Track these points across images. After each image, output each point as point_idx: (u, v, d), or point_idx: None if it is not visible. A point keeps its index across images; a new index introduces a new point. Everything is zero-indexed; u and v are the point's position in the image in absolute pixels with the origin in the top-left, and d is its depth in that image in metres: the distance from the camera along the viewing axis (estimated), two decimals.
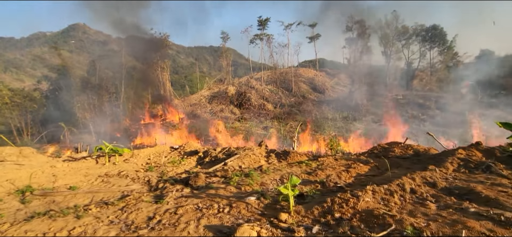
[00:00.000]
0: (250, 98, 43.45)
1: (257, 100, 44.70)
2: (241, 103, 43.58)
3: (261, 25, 52.57)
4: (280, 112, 41.06)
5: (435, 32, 54.79)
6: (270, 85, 53.09)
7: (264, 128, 32.52)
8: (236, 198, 4.27)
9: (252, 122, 34.87)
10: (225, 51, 59.75)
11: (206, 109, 42.08)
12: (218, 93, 49.43)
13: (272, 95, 48.95)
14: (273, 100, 46.96)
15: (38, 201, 5.17)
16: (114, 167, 8.11)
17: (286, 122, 35.57)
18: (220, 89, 51.25)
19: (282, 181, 5.04)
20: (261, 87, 49.67)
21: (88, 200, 5.21)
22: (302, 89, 52.99)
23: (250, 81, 50.92)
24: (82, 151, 11.01)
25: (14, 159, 9.73)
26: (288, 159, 7.17)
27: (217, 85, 57.09)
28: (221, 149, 8.32)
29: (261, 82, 51.91)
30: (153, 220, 3.78)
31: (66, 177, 6.99)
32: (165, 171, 6.94)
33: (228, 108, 42.75)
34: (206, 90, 54.74)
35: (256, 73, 62.40)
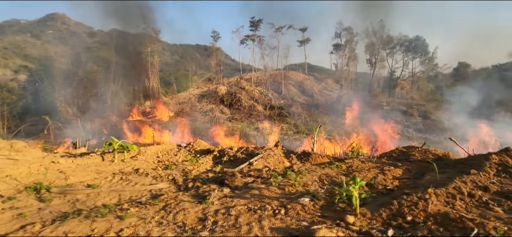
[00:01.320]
0: (241, 99, 43.20)
1: (247, 101, 44.54)
2: (232, 103, 43.24)
3: (254, 26, 52.55)
4: (271, 113, 41.15)
5: (418, 43, 57.46)
6: (260, 86, 53.13)
7: (255, 129, 32.43)
8: (286, 199, 4.13)
9: (243, 123, 34.67)
10: (215, 50, 59.13)
11: (196, 108, 41.30)
12: (207, 92, 48.75)
13: (261, 97, 48.97)
14: (263, 101, 47.01)
15: (59, 200, 4.73)
16: (125, 165, 7.65)
17: (277, 124, 35.69)
18: (209, 88, 50.61)
19: (323, 182, 4.95)
20: (251, 88, 49.55)
21: (115, 199, 4.84)
22: (291, 92, 53.49)
23: (240, 81, 50.64)
24: (80, 147, 10.33)
25: (6, 154, 8.94)
26: (310, 160, 7.11)
27: (206, 84, 56.33)
28: (238, 148, 8.11)
29: (251, 83, 51.81)
30: (206, 221, 3.55)
31: (76, 174, 6.48)
32: (187, 170, 6.63)
33: (218, 107, 42.25)
34: (194, 89, 53.81)
35: (246, 74, 62.22)
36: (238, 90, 46.50)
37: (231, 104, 43.08)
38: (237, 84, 50.52)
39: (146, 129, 21.70)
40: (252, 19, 51.51)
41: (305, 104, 49.11)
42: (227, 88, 46.22)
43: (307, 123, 37.68)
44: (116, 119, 28.91)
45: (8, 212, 4.20)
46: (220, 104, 43.55)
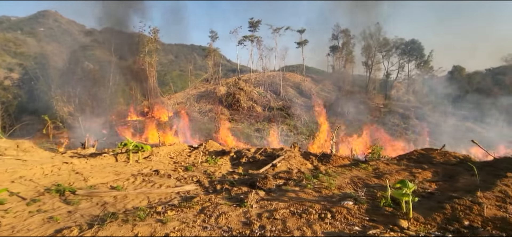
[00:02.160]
0: (240, 100, 43.03)
1: (246, 102, 44.39)
2: (231, 104, 43.02)
3: (253, 27, 52.44)
4: (270, 114, 41.09)
5: (414, 46, 58.23)
6: (258, 87, 53.05)
7: (256, 130, 32.32)
8: (327, 202, 4.04)
9: (243, 124, 34.52)
10: (213, 51, 58.82)
11: (195, 108, 40.97)
12: (205, 92, 48.43)
13: (260, 98, 48.89)
14: (262, 102, 46.93)
15: (86, 203, 4.54)
16: (141, 165, 7.46)
17: (277, 125, 35.63)
18: (207, 89, 50.29)
19: (356, 185, 4.88)
20: (249, 89, 49.43)
21: (145, 202, 4.67)
22: (290, 93, 53.55)
23: (238, 82, 50.47)
24: (89, 147, 10.05)
25: (14, 154, 8.64)
26: (331, 162, 7.04)
27: (204, 85, 55.97)
28: (256, 150, 7.99)
29: (249, 84, 51.70)
30: (252, 225, 3.44)
31: (94, 176, 6.26)
32: (209, 172, 6.48)
33: (217, 108, 41.96)
34: (191, 89, 53.40)
35: (243, 74, 62.06)
36: (237, 91, 46.31)
37: (230, 104, 42.87)
38: (235, 85, 50.34)
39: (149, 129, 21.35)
40: (251, 20, 51.50)
41: (304, 105, 49.20)
42: (227, 88, 46.01)
43: (307, 124, 37.76)
44: (115, 119, 28.42)
45: (37, 216, 4.00)
46: (219, 104, 43.28)
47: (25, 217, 3.97)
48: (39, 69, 29.24)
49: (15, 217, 3.98)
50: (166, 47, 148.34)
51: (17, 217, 3.98)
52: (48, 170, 6.94)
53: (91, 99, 27.52)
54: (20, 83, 30.98)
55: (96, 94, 28.63)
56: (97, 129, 24.85)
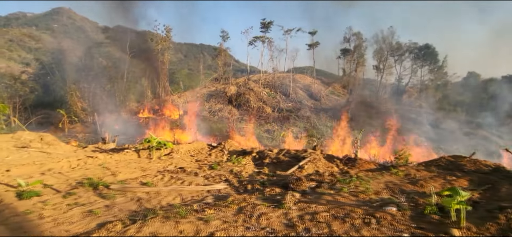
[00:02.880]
0: (249, 100, 43.03)
1: (256, 102, 44.36)
2: (240, 104, 43.06)
3: (264, 28, 52.38)
4: (279, 116, 40.94)
5: (428, 51, 57.19)
6: (268, 88, 52.95)
7: (266, 131, 32.23)
8: (368, 207, 3.93)
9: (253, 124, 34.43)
10: (223, 51, 59.03)
11: (204, 107, 41.14)
12: (215, 92, 48.58)
13: (270, 99, 48.79)
14: (271, 103, 46.80)
15: (121, 197, 4.55)
16: (165, 162, 7.48)
17: (286, 126, 35.48)
18: (217, 88, 50.44)
19: (392, 190, 4.76)
20: (259, 89, 49.40)
21: (178, 199, 4.65)
22: (299, 95, 53.28)
23: (248, 82, 50.51)
24: (109, 142, 10.16)
25: (39, 146, 8.81)
26: (357, 166, 6.92)
27: (213, 84, 56.20)
28: (279, 151, 7.93)
29: (259, 85, 51.66)
30: (296, 228, 3.37)
31: (121, 170, 6.30)
32: (235, 171, 6.45)
33: (227, 108, 42.08)
34: (201, 88, 53.67)
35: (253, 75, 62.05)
36: (247, 91, 46.33)
37: (239, 105, 42.91)
38: (245, 85, 50.38)
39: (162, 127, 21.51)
40: (263, 21, 51.48)
41: (313, 107, 48.87)
42: (237, 88, 46.08)
43: (317, 127, 37.47)
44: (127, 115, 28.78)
45: (76, 209, 4.02)
46: (229, 104, 43.37)
47: (65, 210, 4.00)
48: (55, 64, 29.81)
49: (54, 209, 4.01)
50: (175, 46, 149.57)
51: (57, 209, 4.01)
52: (75, 163, 7.02)
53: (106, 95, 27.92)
54: (36, 77, 31.66)
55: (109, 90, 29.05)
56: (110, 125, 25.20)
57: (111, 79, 29.75)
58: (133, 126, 24.54)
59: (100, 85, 28.71)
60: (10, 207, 4.05)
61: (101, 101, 26.89)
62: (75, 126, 27.37)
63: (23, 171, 6.27)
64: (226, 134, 22.31)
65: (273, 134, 30.31)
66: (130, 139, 19.75)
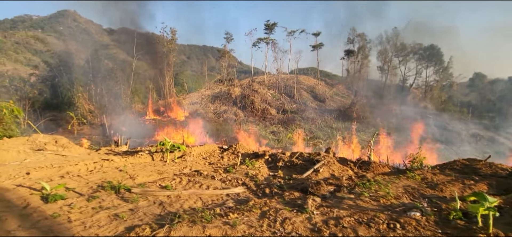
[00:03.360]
0: (254, 102, 43.10)
1: (261, 104, 44.41)
2: (245, 106, 43.15)
3: (268, 29, 52.53)
4: (284, 117, 40.93)
5: (433, 52, 56.83)
6: (272, 90, 53.00)
7: (271, 133, 32.25)
8: (391, 212, 3.95)
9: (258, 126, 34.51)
10: (227, 52, 59.24)
11: (209, 109, 41.29)
12: (219, 93, 48.73)
13: (274, 100, 48.82)
14: (276, 105, 46.84)
15: (144, 201, 4.61)
16: (180, 165, 7.55)
17: (292, 127, 35.47)
18: (221, 90, 50.59)
19: (412, 195, 4.77)
20: (263, 91, 49.46)
21: (199, 203, 4.71)
22: (304, 97, 53.22)
23: (252, 84, 50.58)
24: (122, 145, 10.27)
25: (54, 149, 8.94)
26: (371, 169, 6.92)
27: (217, 86, 56.43)
28: (292, 154, 7.96)
29: (263, 86, 51.73)
30: (322, 232, 3.41)
31: (139, 174, 6.37)
32: (250, 174, 6.49)
33: (232, 109, 42.17)
34: (206, 90, 53.89)
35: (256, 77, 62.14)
36: (251, 93, 46.42)
37: (244, 106, 42.99)
38: (249, 87, 50.46)
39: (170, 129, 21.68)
40: (267, 22, 51.60)
41: (318, 109, 48.79)
42: (241, 90, 46.20)
43: (322, 128, 37.40)
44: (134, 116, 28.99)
45: (102, 212, 4.10)
46: (233, 106, 43.48)
47: (91, 213, 4.07)
48: (63, 66, 30.14)
49: (81, 213, 4.09)
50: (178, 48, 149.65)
51: (83, 213, 4.09)
52: (92, 166, 7.12)
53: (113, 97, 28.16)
54: (43, 79, 32.03)
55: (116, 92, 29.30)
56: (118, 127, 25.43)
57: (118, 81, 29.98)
58: (140, 128, 24.73)
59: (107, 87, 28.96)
60: (38, 210, 4.13)
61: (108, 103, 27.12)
62: (82, 128, 27.67)
63: (43, 174, 6.38)
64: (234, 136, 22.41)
65: (278, 136, 30.32)
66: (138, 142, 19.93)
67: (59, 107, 29.95)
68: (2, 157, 7.61)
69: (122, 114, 27.61)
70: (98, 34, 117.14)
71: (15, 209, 4.21)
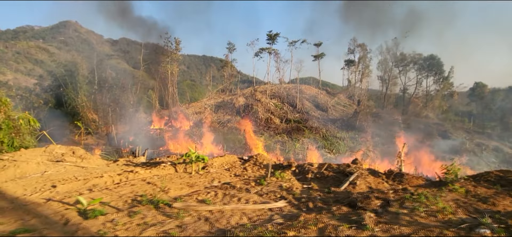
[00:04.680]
0: (258, 111, 43.01)
1: (264, 114, 44.32)
2: (248, 115, 42.99)
3: (271, 40, 52.90)
4: (288, 127, 40.78)
5: (433, 61, 57.41)
6: (274, 99, 53.01)
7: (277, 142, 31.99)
8: (455, 228, 3.76)
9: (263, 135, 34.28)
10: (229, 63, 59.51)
11: (213, 118, 41.08)
12: (222, 103, 48.64)
13: (277, 110, 48.76)
14: (279, 114, 46.74)
15: (188, 217, 4.39)
16: (205, 177, 7.32)
17: (297, 137, 35.27)
18: (224, 100, 50.53)
19: (467, 209, 4.58)
20: (266, 100, 49.45)
21: (245, 218, 4.49)
22: (306, 106, 53.21)
23: (255, 93, 50.61)
24: (140, 156, 10.02)
25: (73, 160, 8.69)
26: (405, 182, 6.74)
27: (220, 95, 56.43)
28: (320, 165, 7.76)
29: (265, 96, 51.75)
30: None
31: (169, 187, 6.15)
32: (285, 187, 6.28)
33: (235, 118, 41.99)
34: (208, 99, 53.82)
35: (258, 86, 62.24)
36: (254, 102, 46.38)
37: (247, 115, 42.83)
38: (252, 96, 50.49)
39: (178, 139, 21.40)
40: (270, 33, 52.04)
41: (321, 118, 48.74)
42: (245, 99, 46.17)
43: (326, 138, 37.21)
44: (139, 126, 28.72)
45: (150, 230, 3.87)
46: (237, 115, 43.33)
47: (139, 230, 3.85)
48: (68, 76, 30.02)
49: (127, 230, 3.86)
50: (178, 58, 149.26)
51: (130, 230, 3.86)
52: (117, 179, 6.89)
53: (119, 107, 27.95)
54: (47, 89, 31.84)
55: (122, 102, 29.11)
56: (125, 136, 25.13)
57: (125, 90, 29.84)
58: (147, 138, 24.43)
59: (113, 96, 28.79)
60: (81, 227, 3.90)
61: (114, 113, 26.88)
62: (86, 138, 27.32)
63: (69, 187, 6.15)
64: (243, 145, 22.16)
65: (285, 146, 30.06)
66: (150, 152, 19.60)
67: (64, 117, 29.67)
68: (23, 169, 7.37)
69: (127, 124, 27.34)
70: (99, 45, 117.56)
71: (56, 226, 3.98)
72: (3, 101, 8.55)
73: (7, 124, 8.55)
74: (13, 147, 8.83)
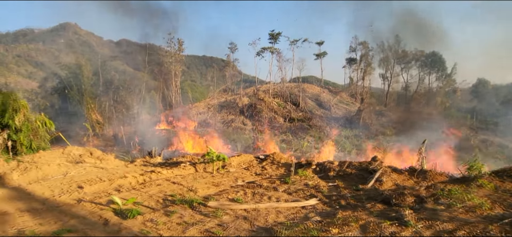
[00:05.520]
0: (261, 110, 43.00)
1: (268, 113, 44.32)
2: (252, 115, 43.00)
3: (273, 39, 52.87)
4: (292, 126, 40.79)
5: (435, 58, 57.34)
6: (277, 98, 53.00)
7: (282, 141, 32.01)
8: (502, 224, 3.75)
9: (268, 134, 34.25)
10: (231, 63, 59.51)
11: (217, 119, 41.09)
12: (225, 103, 48.65)
13: (280, 109, 48.76)
14: (282, 113, 46.74)
15: (227, 216, 4.38)
16: (227, 176, 7.32)
17: (302, 136, 35.27)
18: (227, 99, 50.54)
19: (503, 205, 4.58)
20: (269, 99, 49.44)
21: (282, 217, 4.49)
22: (309, 105, 53.22)
23: (257, 93, 50.61)
24: (156, 156, 10.03)
25: (92, 162, 8.71)
26: (429, 178, 6.74)
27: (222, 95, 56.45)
28: (341, 163, 7.76)
29: (268, 95, 51.74)
30: None
31: (196, 186, 6.14)
32: (311, 185, 6.28)
33: (239, 118, 42.01)
34: (211, 99, 53.81)
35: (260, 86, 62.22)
36: (258, 102, 46.39)
37: (251, 115, 42.85)
38: (255, 95, 50.49)
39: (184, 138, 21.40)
40: (272, 32, 52.03)
41: (324, 117, 48.74)
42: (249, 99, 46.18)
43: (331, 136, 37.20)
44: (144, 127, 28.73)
45: (192, 229, 3.87)
46: (241, 115, 43.34)
47: (181, 230, 3.85)
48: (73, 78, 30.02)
49: (170, 229, 3.86)
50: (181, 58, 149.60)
51: (172, 230, 3.86)
52: (141, 179, 6.88)
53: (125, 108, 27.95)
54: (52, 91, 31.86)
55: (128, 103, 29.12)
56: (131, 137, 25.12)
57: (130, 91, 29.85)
58: (154, 138, 24.40)
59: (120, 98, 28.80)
60: (123, 227, 3.91)
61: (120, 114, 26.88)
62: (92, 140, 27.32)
63: (96, 188, 6.15)
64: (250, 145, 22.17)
65: (291, 144, 30.06)
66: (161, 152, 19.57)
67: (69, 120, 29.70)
68: (45, 171, 7.37)
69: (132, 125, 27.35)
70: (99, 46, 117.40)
71: (97, 225, 3.99)
72: (23, 103, 8.54)
73: (26, 126, 8.55)
74: (31, 149, 8.83)
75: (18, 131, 8.33)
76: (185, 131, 27.34)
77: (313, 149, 31.00)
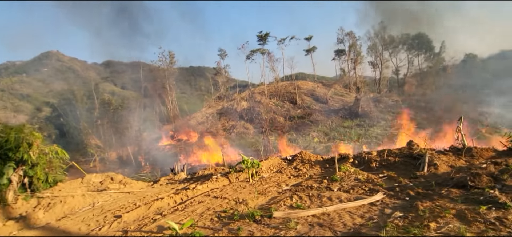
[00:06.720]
0: (261, 113, 42.70)
1: (267, 114, 44.04)
2: (252, 118, 42.65)
3: (262, 40, 52.70)
4: (293, 123, 40.60)
5: (421, 39, 58.28)
6: (274, 98, 52.81)
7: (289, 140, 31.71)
8: None
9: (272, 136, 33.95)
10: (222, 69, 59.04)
11: (218, 127, 40.55)
12: (223, 109, 48.13)
13: (278, 108, 48.58)
14: (281, 113, 46.55)
15: (301, 226, 3.98)
16: (265, 183, 6.93)
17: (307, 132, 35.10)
18: (223, 106, 50.03)
19: None
20: (266, 101, 49.20)
21: (357, 218, 4.13)
22: (306, 101, 53.18)
23: (253, 95, 50.32)
24: (179, 173, 9.53)
25: (117, 187, 8.19)
26: (478, 155, 6.51)
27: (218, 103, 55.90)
28: (379, 152, 7.46)
29: (265, 97, 51.50)
30: None
31: (244, 198, 5.73)
32: (362, 179, 5.95)
33: (240, 123, 41.58)
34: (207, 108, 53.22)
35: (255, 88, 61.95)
36: (256, 104, 46.07)
37: (251, 119, 42.47)
38: (252, 98, 50.18)
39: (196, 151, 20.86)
40: (260, 33, 51.86)
41: (323, 110, 48.75)
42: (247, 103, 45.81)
43: (335, 128, 37.14)
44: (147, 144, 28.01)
45: None
46: (241, 120, 42.90)
47: None
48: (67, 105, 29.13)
49: None
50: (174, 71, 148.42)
51: None
52: (177, 198, 6.44)
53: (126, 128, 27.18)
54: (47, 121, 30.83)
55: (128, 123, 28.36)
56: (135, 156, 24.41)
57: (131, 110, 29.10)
58: (159, 155, 23.77)
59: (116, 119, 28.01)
60: None
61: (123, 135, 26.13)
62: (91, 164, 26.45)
63: (135, 215, 5.67)
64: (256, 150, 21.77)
65: (297, 142, 29.79)
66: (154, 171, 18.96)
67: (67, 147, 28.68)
68: (70, 204, 6.83)
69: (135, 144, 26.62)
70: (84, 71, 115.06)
71: None
72: (36, 135, 7.95)
73: (42, 159, 7.96)
74: (48, 183, 8.23)
75: (34, 165, 7.74)
76: (195, 144, 26.76)
77: (320, 143, 30.82)
